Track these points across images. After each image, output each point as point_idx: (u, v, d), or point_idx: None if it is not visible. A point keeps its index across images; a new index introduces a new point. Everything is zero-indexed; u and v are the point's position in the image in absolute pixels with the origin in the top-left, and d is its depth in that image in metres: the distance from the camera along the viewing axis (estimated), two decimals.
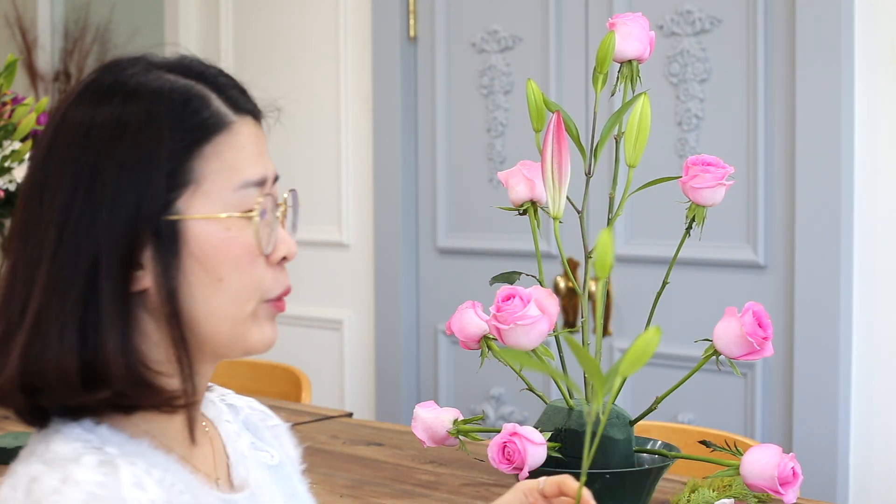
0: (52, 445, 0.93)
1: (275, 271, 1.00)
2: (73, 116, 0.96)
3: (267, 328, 1.00)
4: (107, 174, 0.93)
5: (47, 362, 0.92)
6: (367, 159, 3.27)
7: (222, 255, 0.96)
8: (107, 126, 0.94)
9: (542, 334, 1.27)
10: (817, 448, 2.37)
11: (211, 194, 0.96)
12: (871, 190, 2.34)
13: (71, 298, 0.92)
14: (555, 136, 1.30)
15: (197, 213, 0.95)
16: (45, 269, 0.93)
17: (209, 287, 0.96)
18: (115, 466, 0.90)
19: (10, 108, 2.35)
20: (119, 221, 0.93)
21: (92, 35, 4.38)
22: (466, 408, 3.02)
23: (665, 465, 1.34)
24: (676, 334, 2.59)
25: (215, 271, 0.96)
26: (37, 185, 0.95)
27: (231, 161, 0.97)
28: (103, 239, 0.92)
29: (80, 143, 0.94)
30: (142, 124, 0.94)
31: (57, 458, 0.90)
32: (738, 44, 2.54)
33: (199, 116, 0.96)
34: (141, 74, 0.97)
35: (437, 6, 3.08)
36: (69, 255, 0.92)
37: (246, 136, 1.00)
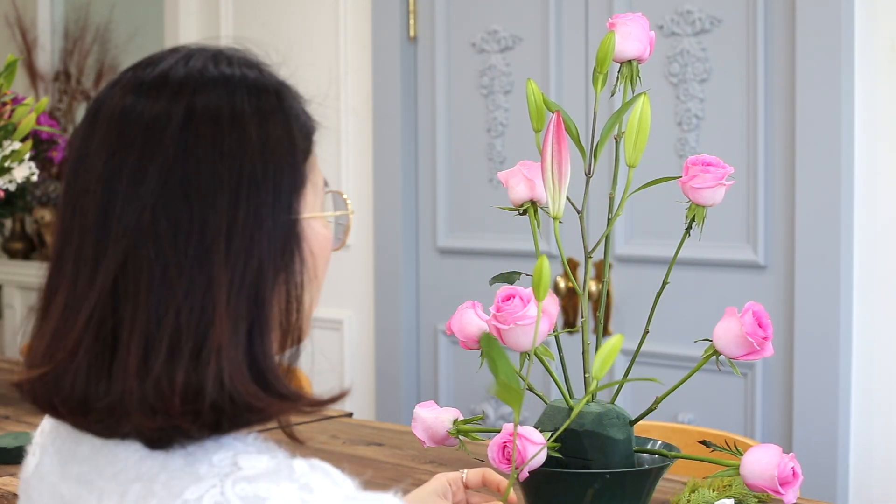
0: (240, 461, 0.84)
1: None
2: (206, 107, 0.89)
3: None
4: (262, 175, 0.89)
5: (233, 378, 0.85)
6: (367, 159, 3.27)
7: (323, 253, 0.96)
8: (252, 118, 0.90)
9: (542, 334, 1.27)
10: (817, 448, 2.37)
11: (311, 194, 0.95)
12: (871, 190, 2.34)
13: (244, 308, 0.86)
14: (555, 136, 1.30)
15: (309, 212, 0.94)
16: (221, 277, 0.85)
17: (311, 283, 0.93)
18: (325, 470, 0.87)
19: (10, 108, 2.35)
20: (279, 224, 0.89)
21: (92, 35, 4.38)
22: (466, 408, 3.02)
23: (665, 465, 1.34)
24: (676, 334, 2.59)
25: (316, 268, 0.94)
26: (173, 186, 0.86)
27: (314, 162, 0.98)
28: (266, 242, 0.87)
29: (226, 137, 0.88)
30: (280, 125, 0.93)
31: (263, 474, 0.83)
32: (738, 44, 2.54)
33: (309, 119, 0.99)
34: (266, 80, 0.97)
35: (437, 6, 3.08)
36: (240, 261, 0.86)
37: None
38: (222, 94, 0.90)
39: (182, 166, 0.86)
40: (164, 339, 0.84)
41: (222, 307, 0.84)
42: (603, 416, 1.31)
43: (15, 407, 2.38)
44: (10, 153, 2.31)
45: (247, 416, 0.85)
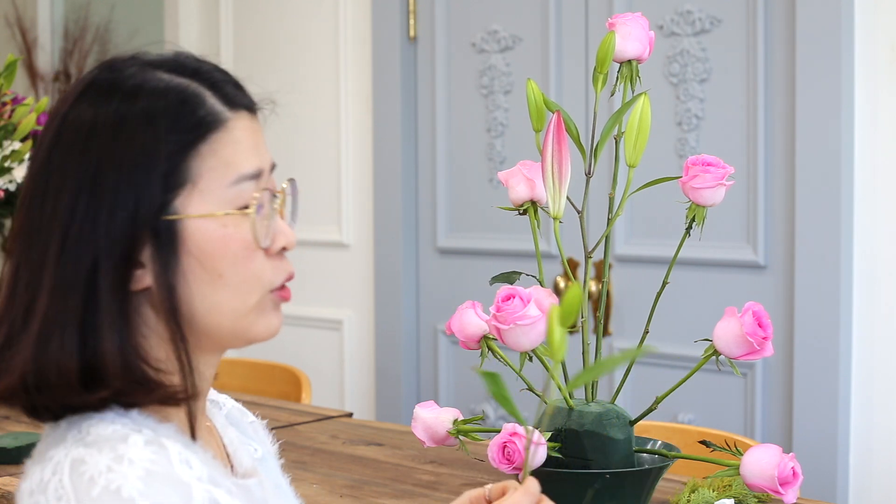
0: (89, 429, 0.94)
1: (275, 261, 1.01)
2: (74, 118, 0.97)
3: (272, 318, 1.02)
4: (106, 176, 0.94)
5: (49, 364, 0.93)
6: (367, 159, 3.27)
7: (220, 252, 0.97)
8: (107, 127, 0.95)
9: (542, 334, 1.27)
10: (817, 448, 2.37)
11: (207, 192, 0.97)
12: (871, 190, 2.34)
13: (73, 301, 0.94)
14: (555, 136, 1.30)
15: (194, 211, 0.96)
16: (49, 273, 0.94)
17: (210, 283, 0.97)
18: (163, 445, 0.92)
19: (10, 108, 2.35)
20: (118, 223, 0.94)
21: (92, 35, 4.38)
22: (466, 408, 3.02)
23: (665, 465, 1.34)
24: (676, 334, 2.59)
25: (215, 268, 0.97)
26: (39, 187, 0.96)
27: (226, 157, 0.98)
28: (103, 241, 0.94)
29: (81, 144, 0.95)
30: (139, 126, 0.95)
31: (100, 440, 0.92)
32: (738, 44, 2.54)
33: (195, 116, 0.97)
34: (139, 74, 0.98)
35: (437, 6, 3.08)
36: (72, 258, 0.94)
37: (241, 130, 1.01)
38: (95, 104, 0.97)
39: (44, 172, 0.96)
40: (6, 326, 0.96)
41: (44, 305, 0.94)
42: (603, 416, 1.31)
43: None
44: (10, 153, 2.31)
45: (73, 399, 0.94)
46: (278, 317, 1.03)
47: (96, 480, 0.88)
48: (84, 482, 0.89)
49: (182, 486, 0.90)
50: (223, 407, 1.20)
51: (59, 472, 0.90)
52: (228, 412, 1.20)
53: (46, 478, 0.91)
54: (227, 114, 1.00)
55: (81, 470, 0.89)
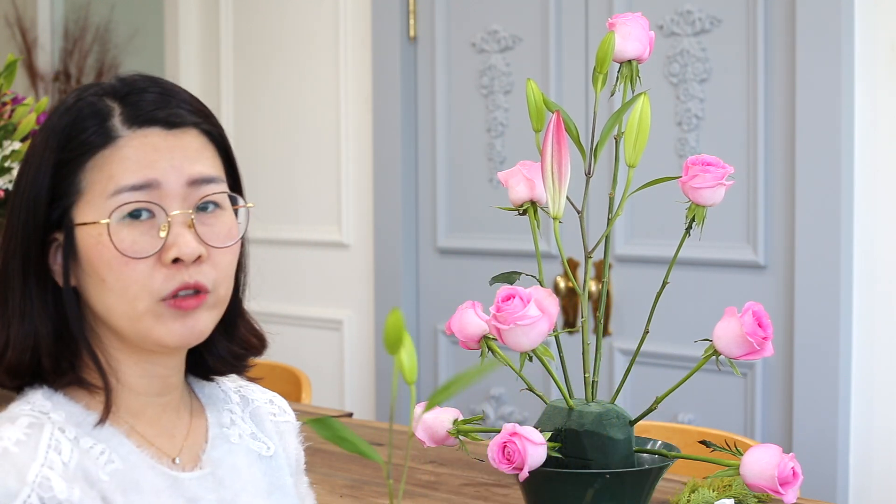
0: (12, 406, 1.08)
1: (168, 271, 1.06)
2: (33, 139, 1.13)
3: (173, 325, 1.07)
4: (21, 186, 1.09)
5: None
6: (367, 159, 3.27)
7: (96, 259, 1.06)
8: (33, 144, 1.11)
9: (542, 334, 1.27)
10: (817, 448, 2.37)
11: (90, 203, 1.06)
12: (871, 190, 2.34)
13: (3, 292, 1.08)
14: (555, 136, 1.30)
15: (79, 220, 1.07)
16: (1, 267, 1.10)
17: (98, 286, 1.07)
18: (41, 429, 1.03)
19: (10, 108, 2.35)
20: (26, 227, 1.08)
21: (92, 35, 4.38)
22: (466, 408, 3.02)
23: (665, 465, 1.34)
24: (676, 334, 2.59)
25: (96, 273, 1.06)
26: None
27: (110, 171, 1.06)
28: (13, 242, 1.08)
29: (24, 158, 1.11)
30: (42, 142, 1.09)
31: (3, 418, 1.05)
32: (738, 44, 2.54)
33: (85, 134, 1.07)
34: (71, 97, 1.11)
35: (437, 6, 3.08)
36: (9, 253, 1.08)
37: (135, 148, 1.07)
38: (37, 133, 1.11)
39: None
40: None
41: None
42: (603, 416, 1.31)
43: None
44: (10, 153, 2.31)
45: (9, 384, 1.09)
46: (184, 325, 1.07)
47: None
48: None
49: (22, 469, 1.00)
50: (251, 404, 1.25)
51: None
52: (255, 409, 1.25)
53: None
54: (121, 132, 1.07)
55: None
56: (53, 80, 4.44)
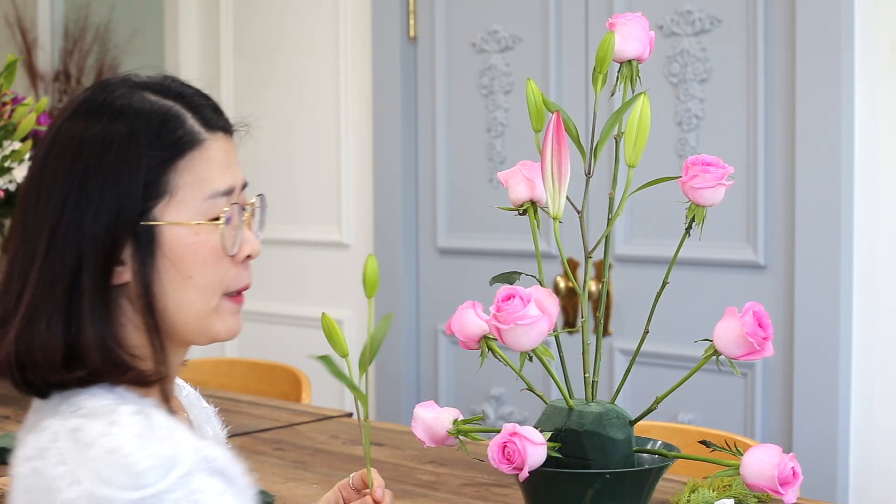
0: (81, 403, 1.06)
1: (238, 268, 1.15)
2: (67, 131, 1.10)
3: (231, 321, 1.16)
4: (92, 185, 1.07)
5: (36, 345, 1.06)
6: (367, 159, 3.27)
7: (191, 257, 1.11)
8: (95, 142, 1.08)
9: (542, 334, 1.27)
10: (817, 448, 2.37)
11: (183, 203, 1.10)
12: (871, 190, 2.34)
13: (58, 291, 1.07)
14: (554, 136, 1.30)
15: (171, 219, 1.10)
16: (38, 266, 1.07)
17: (180, 283, 1.11)
18: (148, 414, 1.03)
19: (10, 108, 2.35)
20: (100, 226, 1.07)
21: (92, 35, 4.38)
22: (466, 408, 3.02)
23: (665, 465, 1.34)
24: (676, 334, 2.59)
25: (185, 270, 1.11)
26: (33, 189, 1.10)
27: (201, 174, 1.11)
28: (86, 241, 1.07)
29: (71, 155, 1.09)
30: (124, 142, 1.08)
31: (94, 412, 1.04)
32: (738, 44, 2.54)
33: (175, 135, 1.10)
34: (127, 96, 1.11)
35: (437, 6, 3.08)
36: (58, 253, 1.07)
37: (216, 150, 1.13)
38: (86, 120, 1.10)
39: (38, 177, 1.10)
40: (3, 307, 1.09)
41: (32, 290, 1.07)
42: (603, 416, 1.31)
43: (15, 407, 2.38)
44: (10, 153, 2.31)
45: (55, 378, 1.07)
46: (237, 321, 1.16)
47: (93, 444, 0.99)
48: (84, 446, 0.99)
49: (171, 442, 1.00)
50: (183, 389, 1.34)
51: (58, 439, 1.02)
52: (187, 395, 1.34)
53: (44, 445, 1.02)
54: (204, 134, 1.12)
55: (79, 436, 1.01)
56: (53, 80, 4.44)
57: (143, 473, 0.97)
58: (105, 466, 0.98)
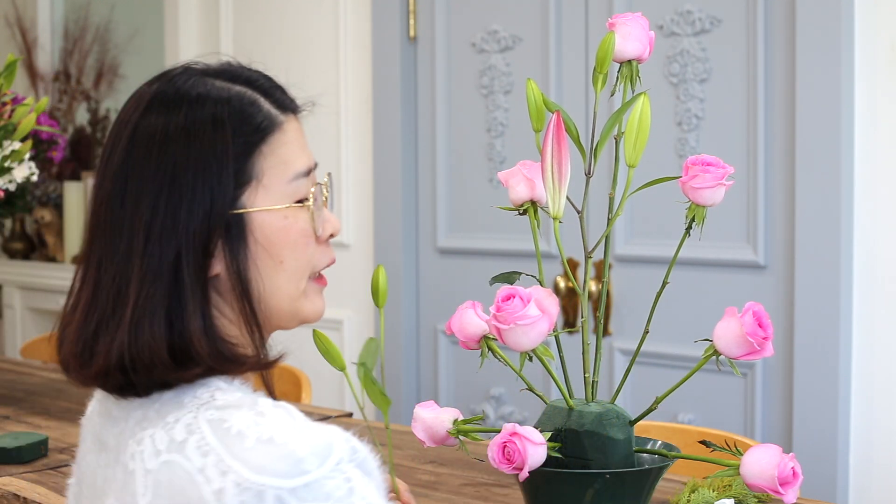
0: (216, 395, 1.05)
1: (323, 248, 1.16)
2: (147, 127, 1.08)
3: (318, 301, 1.17)
4: (183, 178, 1.06)
5: (143, 347, 1.04)
6: (367, 159, 3.27)
7: (283, 241, 1.10)
8: (179, 134, 1.07)
9: (542, 334, 1.27)
10: (817, 448, 2.38)
11: (270, 188, 1.10)
12: (871, 190, 2.34)
13: (160, 289, 1.05)
14: (555, 136, 1.30)
15: (260, 205, 1.09)
16: (137, 264, 1.05)
17: (273, 268, 1.10)
18: (286, 406, 1.03)
19: (10, 108, 2.35)
20: (196, 219, 1.06)
21: (92, 35, 4.38)
22: (466, 408, 3.02)
23: (665, 465, 1.34)
24: (676, 334, 2.59)
25: (277, 254, 1.10)
26: (117, 189, 1.08)
27: (283, 156, 1.11)
28: (183, 235, 1.05)
29: (157, 150, 1.07)
30: (209, 130, 1.07)
31: (232, 403, 1.03)
32: (738, 44, 2.54)
33: (256, 120, 1.10)
34: (200, 84, 1.11)
35: (437, 6, 3.08)
36: (156, 250, 1.05)
37: (292, 132, 1.13)
38: (164, 112, 1.08)
39: (121, 176, 1.08)
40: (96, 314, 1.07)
41: (135, 291, 1.05)
42: (603, 416, 1.31)
43: (15, 407, 2.38)
44: (10, 153, 2.31)
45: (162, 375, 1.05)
46: (322, 300, 1.18)
47: (246, 433, 0.98)
48: (233, 436, 0.98)
49: (320, 430, 1.00)
50: None
51: (196, 431, 1.00)
52: None
53: (180, 437, 1.01)
54: (280, 117, 1.12)
55: (226, 427, 0.99)
56: (53, 80, 4.44)
57: (304, 460, 0.97)
58: (259, 455, 0.97)
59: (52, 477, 1.84)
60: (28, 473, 1.86)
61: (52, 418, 2.26)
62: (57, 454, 1.98)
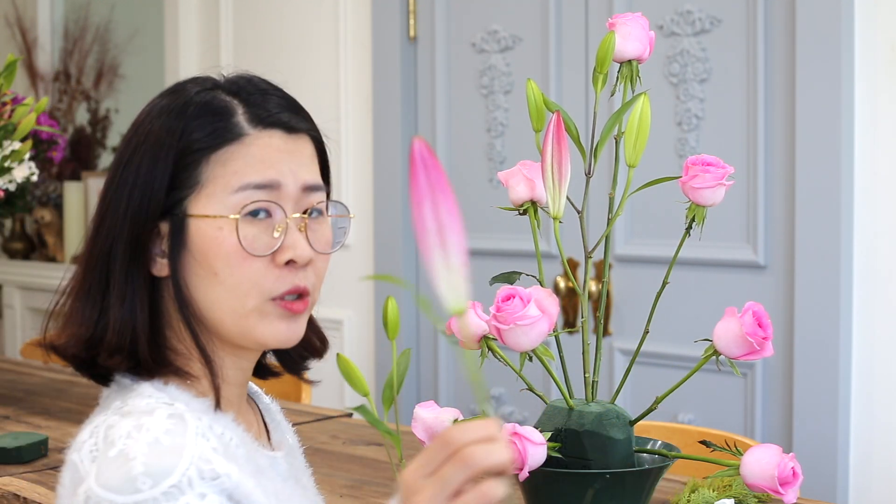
0: (128, 401, 1.06)
1: (280, 271, 1.09)
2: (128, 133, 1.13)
3: (278, 325, 1.10)
4: (127, 172, 1.09)
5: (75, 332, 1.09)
6: (367, 159, 3.27)
7: (213, 252, 1.07)
8: (141, 133, 1.10)
9: (542, 334, 1.27)
10: (817, 448, 2.37)
11: (212, 196, 1.07)
12: (871, 190, 2.34)
13: (95, 276, 1.09)
14: (554, 136, 1.30)
15: (197, 212, 1.07)
16: (85, 251, 1.11)
17: (207, 280, 1.08)
18: (184, 419, 1.02)
19: (10, 108, 2.35)
20: (130, 213, 1.07)
21: (92, 35, 4.38)
22: (466, 408, 3.02)
23: (665, 465, 1.34)
24: (676, 334, 2.59)
25: (210, 266, 1.08)
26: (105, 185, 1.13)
27: (236, 168, 1.08)
28: (120, 221, 1.08)
29: (121, 147, 1.11)
30: (162, 133, 1.08)
31: (134, 411, 1.03)
32: (738, 44, 2.54)
33: (213, 127, 1.09)
34: (198, 93, 1.11)
35: (437, 6, 3.08)
36: (100, 236, 1.09)
37: (260, 147, 1.09)
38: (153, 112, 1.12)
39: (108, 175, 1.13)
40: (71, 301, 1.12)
41: (78, 278, 1.11)
42: (603, 416, 1.31)
43: (15, 407, 2.38)
44: (10, 153, 2.31)
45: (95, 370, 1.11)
46: (288, 326, 1.11)
47: (115, 443, 1.00)
48: (107, 444, 1.00)
49: (176, 451, 0.99)
50: (263, 397, 1.32)
51: (95, 435, 1.02)
52: (267, 403, 1.32)
53: (84, 438, 1.03)
54: (247, 130, 1.09)
55: (109, 433, 1.01)
56: (53, 80, 4.44)
57: (137, 479, 0.97)
58: (109, 468, 0.98)
59: (52, 477, 1.84)
60: (28, 473, 1.86)
61: (52, 418, 2.26)
62: (57, 454, 1.98)
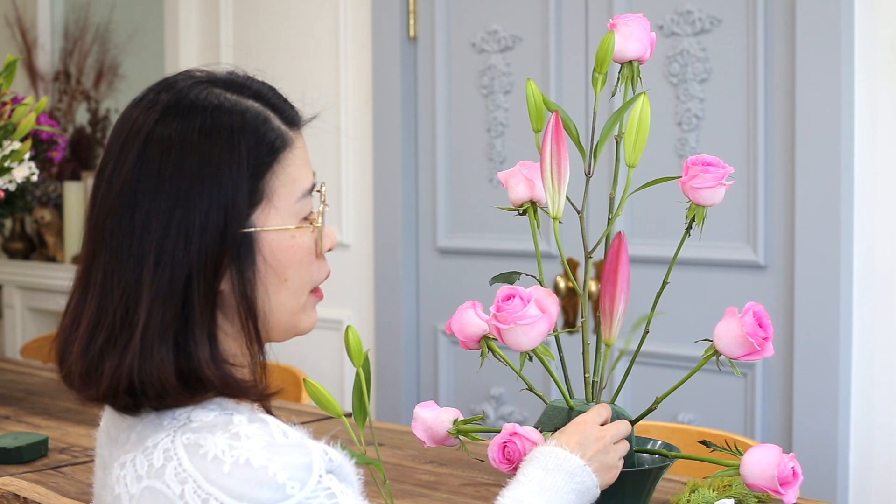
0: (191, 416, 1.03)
1: (320, 261, 1.15)
2: (161, 138, 1.04)
3: (313, 314, 1.17)
4: (198, 196, 1.03)
5: (152, 372, 1.02)
6: (367, 159, 3.27)
7: (289, 259, 1.09)
8: (195, 147, 1.04)
9: (542, 334, 1.27)
10: (817, 448, 2.37)
11: (280, 208, 1.08)
12: (871, 190, 2.34)
13: (170, 311, 1.02)
14: (554, 136, 1.30)
15: (270, 225, 1.08)
16: (147, 284, 1.02)
17: (276, 286, 1.09)
18: (264, 420, 1.02)
19: (10, 108, 2.35)
20: (208, 237, 1.03)
21: (92, 35, 4.38)
22: (466, 408, 3.02)
23: (665, 465, 1.34)
24: (676, 334, 2.59)
25: (283, 273, 1.09)
26: (126, 202, 1.03)
27: (293, 175, 1.10)
28: (195, 256, 1.03)
29: (171, 163, 1.03)
30: (226, 147, 1.04)
31: (207, 425, 1.01)
32: (738, 44, 2.54)
33: (269, 138, 1.08)
34: (213, 96, 1.07)
35: (437, 6, 3.08)
36: (167, 271, 1.02)
37: (300, 149, 1.12)
38: (180, 124, 1.05)
39: (132, 187, 1.03)
40: (102, 333, 1.03)
41: (144, 312, 1.01)
42: None
43: (15, 407, 2.38)
44: (10, 153, 2.31)
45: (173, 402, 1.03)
46: (316, 313, 1.17)
47: (222, 458, 0.97)
48: (209, 462, 0.97)
49: (298, 447, 0.99)
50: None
51: (173, 457, 0.99)
52: None
53: (158, 463, 0.99)
54: (290, 134, 1.11)
55: (202, 452, 0.98)
56: (53, 80, 4.44)
57: (285, 485, 0.96)
58: (238, 482, 0.96)
59: (52, 477, 1.84)
60: (28, 473, 1.86)
61: (52, 418, 2.26)
62: (57, 454, 1.98)
